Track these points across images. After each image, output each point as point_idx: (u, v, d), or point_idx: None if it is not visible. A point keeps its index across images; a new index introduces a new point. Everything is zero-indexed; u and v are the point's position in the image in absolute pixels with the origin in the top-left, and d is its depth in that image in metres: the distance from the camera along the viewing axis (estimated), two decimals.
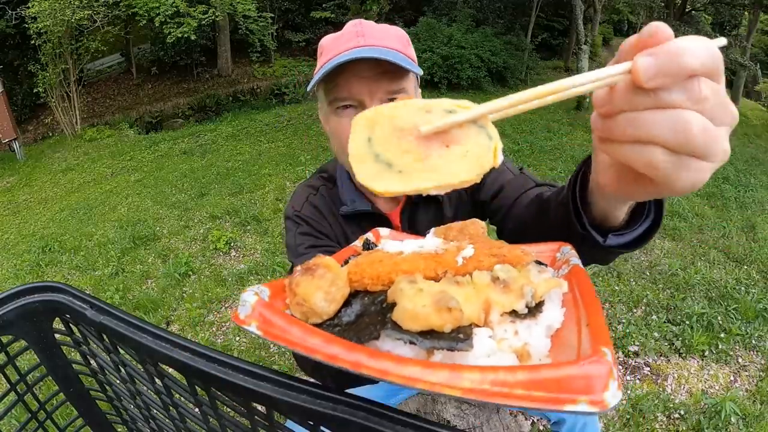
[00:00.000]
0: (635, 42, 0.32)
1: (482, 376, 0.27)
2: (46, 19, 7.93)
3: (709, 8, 14.44)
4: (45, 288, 0.52)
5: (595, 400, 0.26)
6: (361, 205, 0.93)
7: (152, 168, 7.11)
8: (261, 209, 4.44)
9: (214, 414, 0.48)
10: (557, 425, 1.15)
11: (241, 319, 0.33)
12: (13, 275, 3.89)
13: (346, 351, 0.30)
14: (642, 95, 0.31)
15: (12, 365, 0.56)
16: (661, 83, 0.30)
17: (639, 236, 0.51)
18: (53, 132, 10.25)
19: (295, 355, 0.74)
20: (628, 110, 0.32)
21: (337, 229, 0.95)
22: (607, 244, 0.50)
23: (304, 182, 1.01)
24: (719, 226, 4.20)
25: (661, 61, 0.29)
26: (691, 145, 0.30)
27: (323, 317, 0.35)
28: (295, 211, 0.94)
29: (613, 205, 0.48)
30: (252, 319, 0.33)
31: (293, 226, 0.93)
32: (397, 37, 0.81)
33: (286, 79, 12.95)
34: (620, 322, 2.68)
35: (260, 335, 0.32)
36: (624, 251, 0.52)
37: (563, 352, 0.33)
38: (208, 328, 2.80)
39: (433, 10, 14.16)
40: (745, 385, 2.32)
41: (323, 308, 0.35)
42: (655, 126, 0.31)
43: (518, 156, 6.11)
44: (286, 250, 0.95)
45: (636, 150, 0.32)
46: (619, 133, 0.33)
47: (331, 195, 0.97)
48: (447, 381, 0.27)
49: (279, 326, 0.32)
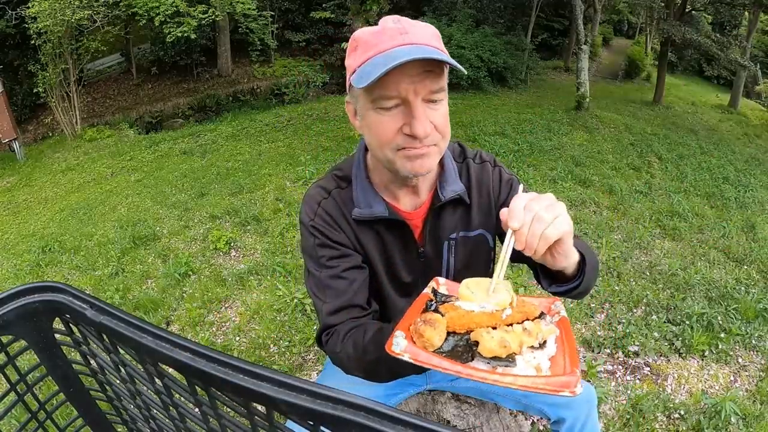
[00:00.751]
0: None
1: (521, 380, 0.58)
2: (46, 19, 7.93)
3: (709, 8, 14.43)
4: (45, 288, 0.52)
5: (572, 391, 0.57)
6: (378, 209, 0.92)
7: (152, 168, 7.11)
8: (261, 209, 4.45)
9: (214, 414, 0.48)
10: (557, 424, 1.15)
11: (397, 352, 0.59)
12: (13, 275, 3.89)
13: (459, 366, 0.59)
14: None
15: (12, 365, 0.56)
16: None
17: (574, 287, 0.80)
18: (53, 132, 10.25)
19: (367, 365, 0.87)
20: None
21: (349, 234, 0.94)
22: (551, 290, 0.83)
23: (317, 182, 0.99)
24: (719, 226, 4.20)
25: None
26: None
27: (435, 348, 0.61)
28: (309, 220, 0.94)
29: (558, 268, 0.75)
30: (405, 352, 0.60)
31: (310, 237, 0.94)
32: (435, 35, 0.81)
33: (286, 79, 12.95)
34: (620, 322, 2.68)
35: (411, 361, 0.59)
36: (569, 291, 0.81)
37: (556, 369, 0.62)
38: (208, 328, 2.80)
39: (433, 10, 14.17)
40: (745, 385, 2.32)
41: (436, 343, 0.61)
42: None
43: (518, 156, 6.11)
44: (303, 254, 0.98)
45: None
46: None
47: (343, 197, 0.95)
48: (502, 380, 0.57)
49: (422, 356, 0.59)
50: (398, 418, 0.33)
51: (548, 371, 0.60)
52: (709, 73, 20.82)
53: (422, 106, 0.78)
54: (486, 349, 0.59)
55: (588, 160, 6.19)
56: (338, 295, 0.91)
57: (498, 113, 8.93)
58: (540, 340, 0.63)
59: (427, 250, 0.98)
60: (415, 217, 0.96)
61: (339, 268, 0.92)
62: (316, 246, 0.93)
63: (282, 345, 2.57)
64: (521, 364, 0.60)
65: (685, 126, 10.63)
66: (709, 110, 13.94)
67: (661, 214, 4.41)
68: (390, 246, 0.97)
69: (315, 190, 0.97)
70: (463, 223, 0.98)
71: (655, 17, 12.48)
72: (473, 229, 0.98)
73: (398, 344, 0.58)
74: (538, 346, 0.63)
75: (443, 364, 0.57)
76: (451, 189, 0.94)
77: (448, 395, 1.30)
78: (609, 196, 4.91)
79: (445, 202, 0.94)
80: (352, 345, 0.86)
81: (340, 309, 0.91)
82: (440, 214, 0.96)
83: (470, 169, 0.98)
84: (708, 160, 7.13)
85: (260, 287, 3.15)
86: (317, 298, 0.94)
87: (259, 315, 2.84)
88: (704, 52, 13.71)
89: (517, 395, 1.16)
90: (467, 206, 0.97)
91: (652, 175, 5.93)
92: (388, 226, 0.95)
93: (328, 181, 0.98)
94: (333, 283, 0.92)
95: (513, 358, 0.59)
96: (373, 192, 0.93)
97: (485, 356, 0.59)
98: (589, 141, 7.43)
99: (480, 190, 0.98)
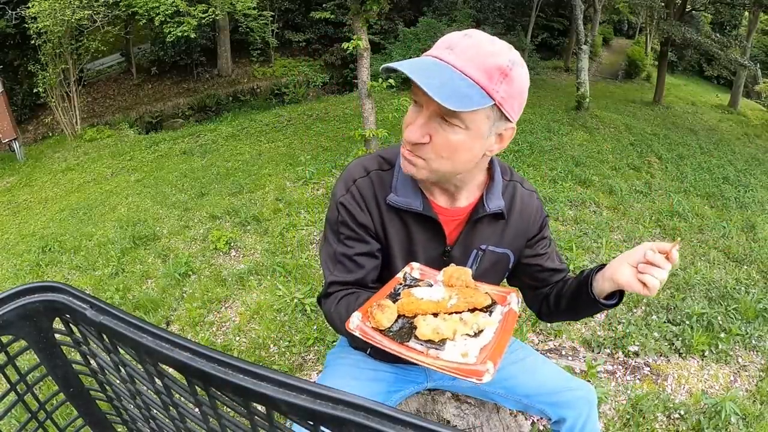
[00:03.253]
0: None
1: (437, 361, 0.68)
2: (46, 19, 7.92)
3: (709, 8, 14.42)
4: (45, 288, 0.52)
5: (479, 379, 0.64)
6: (415, 203, 0.93)
7: (152, 168, 7.11)
8: (261, 209, 4.45)
9: (214, 414, 0.48)
10: (557, 424, 1.15)
11: (351, 328, 0.71)
12: (13, 275, 3.89)
13: (394, 345, 0.70)
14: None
15: (12, 365, 0.56)
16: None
17: (614, 304, 0.97)
18: (53, 132, 10.25)
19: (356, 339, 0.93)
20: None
21: (376, 218, 0.95)
22: (600, 301, 0.95)
23: (360, 158, 1.00)
24: (719, 226, 4.20)
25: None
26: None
27: (384, 328, 0.73)
28: (341, 195, 0.95)
29: (606, 285, 0.93)
30: (357, 329, 0.71)
31: (336, 212, 0.96)
32: (487, 68, 0.76)
33: (286, 79, 12.96)
34: (620, 322, 2.68)
35: (361, 337, 0.71)
36: (601, 308, 0.98)
37: (481, 356, 0.69)
38: (208, 328, 2.80)
39: (433, 10, 14.17)
40: (745, 385, 2.32)
41: (385, 324, 0.73)
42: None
43: (518, 156, 6.11)
44: (326, 222, 1.01)
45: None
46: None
47: (383, 178, 0.95)
48: (426, 360, 0.68)
49: (369, 333, 0.72)
50: (398, 418, 0.33)
51: (474, 358, 0.68)
52: (709, 73, 20.82)
53: (429, 116, 0.80)
54: (421, 333, 0.70)
55: (588, 160, 6.19)
56: (346, 273, 0.97)
57: None
58: (475, 329, 0.72)
59: (454, 252, 1.00)
60: (453, 215, 0.97)
61: (353, 250, 0.96)
62: (339, 222, 0.96)
63: (282, 345, 2.57)
64: (450, 348, 0.69)
65: (685, 126, 10.63)
66: (709, 110, 13.95)
67: (661, 214, 4.41)
68: (415, 239, 0.98)
69: (355, 167, 0.97)
70: (495, 237, 1.01)
71: (655, 17, 12.47)
72: (502, 246, 1.02)
73: (353, 322, 0.71)
74: (473, 335, 0.72)
75: (383, 342, 0.69)
76: (496, 203, 0.97)
77: (448, 395, 1.31)
78: (609, 196, 4.91)
79: (482, 217, 0.97)
80: (344, 307, 0.93)
81: (345, 284, 0.97)
82: (479, 222, 0.98)
83: (516, 191, 1.01)
84: (708, 160, 7.14)
85: (260, 287, 3.15)
86: (327, 266, 0.99)
87: (259, 315, 2.84)
88: (704, 52, 13.72)
89: (518, 395, 1.17)
90: (504, 223, 1.00)
91: (652, 175, 5.94)
92: (420, 221, 0.96)
93: (371, 161, 0.98)
94: (345, 262, 0.97)
95: (444, 342, 0.69)
96: (413, 183, 0.94)
97: (420, 339, 0.70)
98: (589, 141, 7.44)
99: (521, 214, 1.02)
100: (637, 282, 0.85)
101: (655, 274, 0.82)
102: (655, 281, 0.82)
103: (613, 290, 0.92)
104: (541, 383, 1.15)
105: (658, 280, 0.82)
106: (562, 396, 1.13)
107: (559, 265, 1.09)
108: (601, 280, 0.93)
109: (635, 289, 0.85)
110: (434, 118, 0.79)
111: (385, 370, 1.17)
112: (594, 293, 0.94)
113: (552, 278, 1.09)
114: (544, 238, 1.07)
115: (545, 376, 1.17)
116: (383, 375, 1.16)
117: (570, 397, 1.13)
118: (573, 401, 1.13)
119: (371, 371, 1.15)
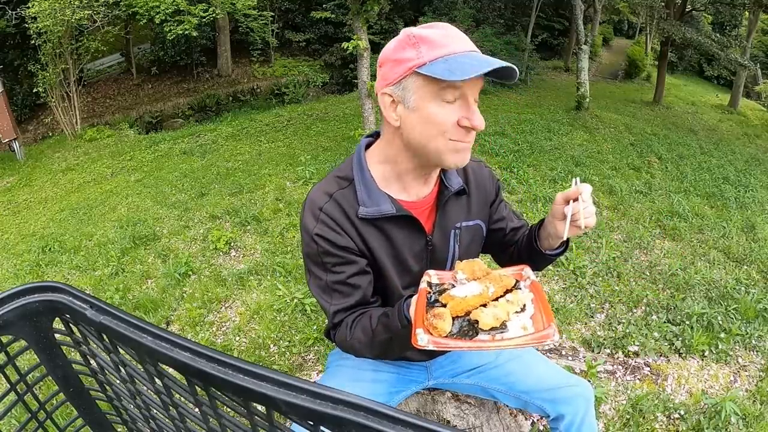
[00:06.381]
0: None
1: (512, 341, 0.74)
2: (46, 19, 7.93)
3: (709, 8, 14.41)
4: (45, 288, 0.52)
5: (552, 340, 0.71)
6: (385, 207, 0.94)
7: (152, 168, 7.11)
8: (261, 209, 4.44)
9: (214, 414, 0.48)
10: (556, 421, 1.16)
11: (423, 344, 0.72)
12: (13, 275, 3.89)
13: (471, 343, 0.74)
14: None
15: (12, 365, 0.56)
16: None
17: (560, 253, 1.06)
18: (53, 132, 10.25)
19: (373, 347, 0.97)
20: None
21: (354, 236, 0.95)
22: (547, 254, 1.04)
23: (318, 185, 0.99)
24: (719, 226, 4.19)
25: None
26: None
27: (447, 333, 0.75)
28: (313, 228, 0.94)
29: (552, 241, 1.01)
30: (429, 343, 0.73)
31: (314, 245, 0.95)
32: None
33: (286, 79, 12.96)
34: (620, 322, 2.68)
35: (435, 349, 0.74)
36: (553, 258, 1.06)
37: (537, 325, 0.76)
38: (208, 328, 2.80)
39: (433, 10, 14.17)
40: (745, 385, 2.32)
41: (447, 330, 0.75)
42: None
43: (518, 156, 6.11)
44: (305, 258, 1.00)
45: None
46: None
47: (346, 196, 0.95)
48: (502, 344, 0.74)
49: (442, 342, 0.74)
50: (398, 418, 0.33)
51: (532, 328, 0.75)
52: (709, 73, 20.82)
53: (474, 102, 0.87)
54: (485, 324, 0.74)
55: (588, 160, 6.19)
56: (345, 298, 0.97)
57: (498, 113, 8.93)
58: (521, 305, 0.79)
59: (435, 239, 1.03)
60: (420, 206, 0.99)
61: (344, 274, 0.96)
62: (321, 253, 0.95)
63: (282, 345, 2.57)
64: (512, 328, 0.75)
65: (685, 126, 10.63)
66: (709, 110, 13.94)
67: (661, 214, 4.41)
68: (397, 241, 0.99)
69: (316, 193, 0.97)
70: (464, 213, 1.06)
71: (656, 17, 12.46)
72: (472, 219, 1.08)
73: (422, 339, 0.73)
74: (521, 310, 0.78)
75: (458, 344, 0.74)
76: (456, 181, 1.02)
77: (448, 395, 1.31)
78: (609, 196, 4.91)
79: (448, 198, 1.01)
80: (361, 331, 0.94)
81: (347, 309, 0.98)
82: (447, 204, 1.02)
83: (467, 165, 1.04)
84: (708, 160, 7.14)
85: (260, 287, 3.15)
86: (323, 299, 0.99)
87: (259, 315, 2.84)
88: (704, 52, 13.71)
89: (517, 391, 1.19)
90: (467, 198, 1.06)
91: (652, 175, 5.93)
92: (395, 223, 0.97)
93: (329, 184, 0.98)
94: (339, 288, 0.96)
95: (505, 325, 0.75)
96: (377, 189, 0.95)
97: (485, 330, 0.75)
98: (589, 141, 7.44)
99: (477, 185, 1.08)
100: (576, 229, 0.93)
101: (585, 214, 0.91)
102: (589, 219, 0.91)
103: (560, 243, 1.02)
104: (540, 379, 1.17)
105: (590, 214, 0.91)
106: (560, 392, 1.15)
107: (518, 223, 1.17)
108: (549, 238, 1.01)
109: (577, 233, 0.94)
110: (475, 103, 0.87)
111: (386, 370, 1.17)
112: (543, 248, 1.04)
113: (515, 237, 1.16)
114: (501, 201, 1.16)
115: (543, 372, 1.19)
116: (385, 376, 1.17)
117: (568, 393, 1.15)
118: (571, 398, 1.14)
119: (372, 372, 1.16)
